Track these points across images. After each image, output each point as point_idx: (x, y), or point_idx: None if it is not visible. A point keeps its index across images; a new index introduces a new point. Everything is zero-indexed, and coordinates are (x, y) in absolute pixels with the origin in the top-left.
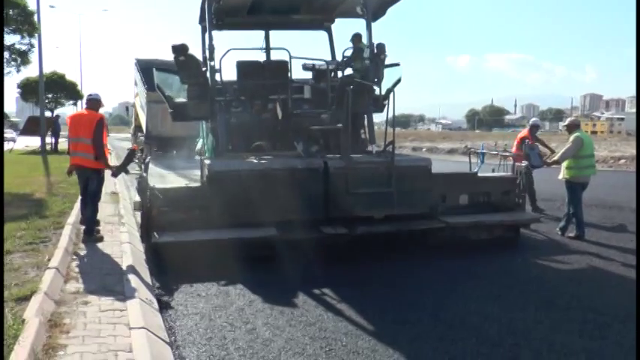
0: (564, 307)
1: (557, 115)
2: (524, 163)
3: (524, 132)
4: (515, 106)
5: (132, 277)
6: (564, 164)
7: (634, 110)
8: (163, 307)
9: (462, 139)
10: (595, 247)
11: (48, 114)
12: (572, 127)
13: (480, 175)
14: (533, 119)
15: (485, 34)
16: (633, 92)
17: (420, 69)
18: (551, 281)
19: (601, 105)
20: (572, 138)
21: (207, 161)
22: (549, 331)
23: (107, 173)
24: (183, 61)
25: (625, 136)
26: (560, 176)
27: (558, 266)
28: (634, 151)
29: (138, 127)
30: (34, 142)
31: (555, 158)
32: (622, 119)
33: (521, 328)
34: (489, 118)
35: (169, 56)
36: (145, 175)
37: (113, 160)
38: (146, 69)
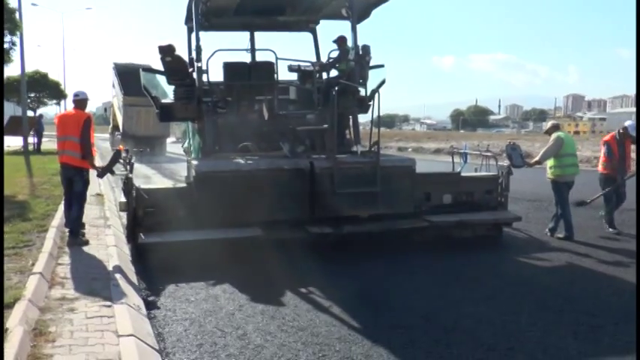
0: (557, 310)
1: (541, 115)
2: (506, 163)
3: (608, 136)
4: (500, 106)
5: (119, 282)
6: (548, 164)
7: (615, 111)
8: (152, 312)
9: (447, 139)
10: (584, 247)
11: (30, 114)
12: (552, 129)
13: (463, 174)
14: (628, 122)
15: (469, 34)
16: (614, 93)
17: (405, 69)
18: (543, 283)
19: (583, 105)
20: (552, 137)
21: (194, 162)
22: (543, 334)
23: (92, 174)
24: (169, 62)
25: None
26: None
27: (549, 268)
28: None
29: (115, 127)
30: (16, 142)
31: (537, 159)
32: (604, 119)
33: (515, 331)
34: (474, 119)
35: (153, 55)
36: (130, 175)
37: (98, 161)
38: (123, 73)
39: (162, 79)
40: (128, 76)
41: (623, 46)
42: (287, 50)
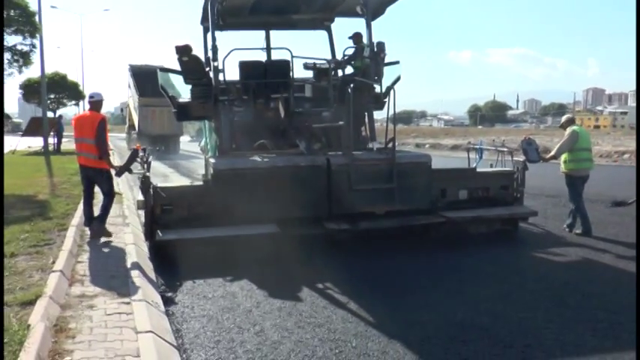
0: (575, 306)
1: (560, 110)
2: (522, 158)
3: None
4: (518, 101)
5: (137, 279)
6: (562, 158)
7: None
8: (169, 309)
9: (465, 134)
10: (603, 243)
11: (50, 114)
12: (567, 123)
13: (478, 170)
14: None
15: (486, 29)
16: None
17: (422, 65)
18: (561, 279)
19: (604, 99)
20: (567, 131)
21: (211, 160)
22: (561, 331)
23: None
24: (186, 62)
25: (628, 130)
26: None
27: (567, 264)
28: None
29: (131, 126)
30: (36, 142)
31: (552, 153)
32: (625, 113)
33: (532, 328)
34: (492, 114)
35: (170, 56)
36: (147, 174)
37: (116, 160)
38: (138, 74)
39: (176, 80)
40: (143, 78)
41: None
42: (302, 48)
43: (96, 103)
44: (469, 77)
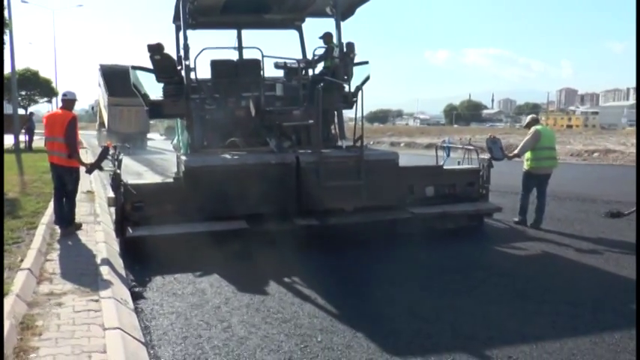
0: (538, 300)
1: (534, 109)
2: (488, 156)
3: None
4: (493, 100)
5: (107, 277)
6: (525, 156)
7: (607, 104)
8: (138, 306)
9: (440, 133)
10: (568, 239)
11: (21, 111)
12: (532, 123)
13: (445, 167)
14: None
15: (462, 29)
16: (607, 87)
17: (398, 64)
18: (525, 274)
19: (576, 99)
20: (531, 130)
21: (183, 157)
22: (522, 324)
23: (82, 170)
24: (158, 60)
25: (599, 130)
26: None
27: (532, 259)
28: (608, 144)
29: (101, 124)
30: (6, 140)
31: (515, 152)
32: (596, 113)
33: (495, 322)
34: (467, 113)
35: (141, 54)
36: (118, 171)
37: (88, 158)
38: (108, 74)
39: (146, 78)
40: (113, 78)
41: (615, 40)
42: (273, 48)
43: (69, 102)
44: (445, 77)
